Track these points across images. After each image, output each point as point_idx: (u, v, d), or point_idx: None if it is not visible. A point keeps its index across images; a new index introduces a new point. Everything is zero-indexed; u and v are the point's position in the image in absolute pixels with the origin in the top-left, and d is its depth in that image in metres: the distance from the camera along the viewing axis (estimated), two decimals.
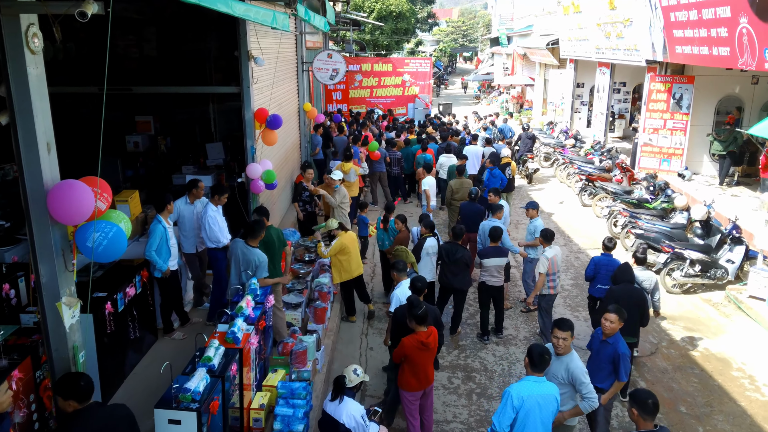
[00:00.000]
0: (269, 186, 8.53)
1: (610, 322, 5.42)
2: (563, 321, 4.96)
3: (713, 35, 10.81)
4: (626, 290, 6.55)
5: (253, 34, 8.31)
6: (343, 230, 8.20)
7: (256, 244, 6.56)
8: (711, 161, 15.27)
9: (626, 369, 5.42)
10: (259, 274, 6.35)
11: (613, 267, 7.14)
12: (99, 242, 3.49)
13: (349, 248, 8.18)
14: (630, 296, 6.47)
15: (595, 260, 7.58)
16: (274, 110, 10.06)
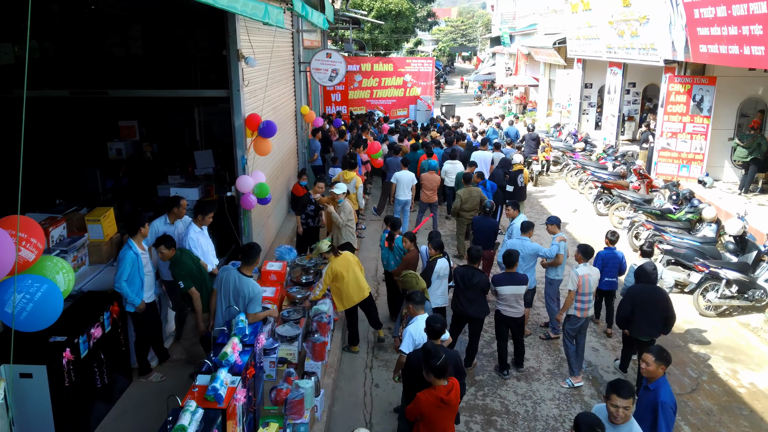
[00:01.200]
0: (262, 201, 7.65)
1: (646, 364, 4.56)
2: (623, 386, 4.04)
3: (745, 33, 9.94)
4: (646, 290, 6.41)
5: (243, 31, 7.42)
6: (335, 254, 7.31)
7: (250, 272, 5.70)
8: (733, 167, 14.41)
9: (668, 421, 4.50)
10: (251, 308, 5.49)
11: (618, 260, 7.67)
12: (22, 307, 2.60)
13: (343, 273, 7.28)
14: (651, 296, 6.37)
15: (601, 254, 7.75)
16: (268, 115, 9.19)
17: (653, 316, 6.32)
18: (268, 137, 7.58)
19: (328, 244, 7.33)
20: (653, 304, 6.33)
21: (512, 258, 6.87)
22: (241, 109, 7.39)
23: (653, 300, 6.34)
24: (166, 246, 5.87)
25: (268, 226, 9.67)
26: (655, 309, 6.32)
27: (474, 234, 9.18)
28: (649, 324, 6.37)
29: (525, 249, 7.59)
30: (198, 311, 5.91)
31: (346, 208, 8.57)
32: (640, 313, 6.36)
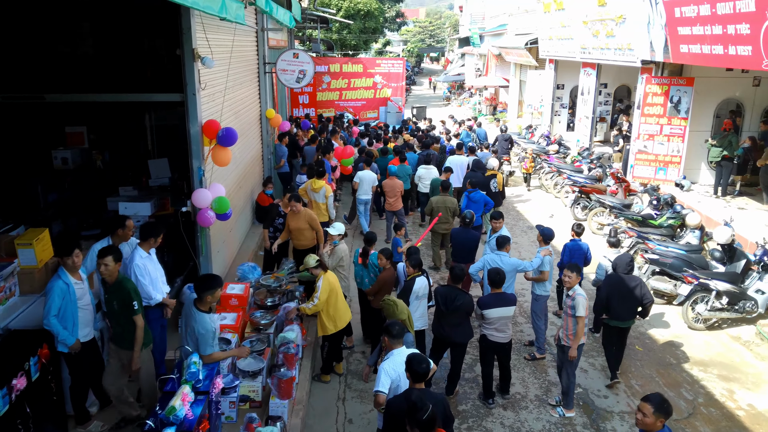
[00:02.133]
0: (221, 216, 6.92)
1: (644, 415, 3.98)
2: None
3: (730, 32, 9.59)
4: (623, 279, 6.74)
5: (200, 29, 6.68)
6: (323, 269, 6.68)
7: (206, 307, 4.99)
8: (709, 170, 14.18)
9: None
10: (201, 349, 4.78)
11: (583, 252, 7.88)
12: None
13: (336, 288, 6.75)
14: (627, 284, 6.70)
15: (567, 246, 8.02)
16: (229, 120, 8.45)
17: (630, 303, 6.72)
18: (228, 146, 6.85)
19: (316, 259, 6.70)
20: (630, 292, 6.69)
21: (500, 277, 6.28)
22: (197, 114, 6.65)
23: (630, 288, 6.70)
24: (114, 258, 4.99)
25: (230, 241, 8.93)
26: (631, 296, 6.69)
27: (453, 248, 8.59)
28: (626, 310, 6.75)
29: (503, 265, 7.03)
30: (138, 342, 5.08)
31: (337, 252, 7.59)
32: (618, 300, 6.73)
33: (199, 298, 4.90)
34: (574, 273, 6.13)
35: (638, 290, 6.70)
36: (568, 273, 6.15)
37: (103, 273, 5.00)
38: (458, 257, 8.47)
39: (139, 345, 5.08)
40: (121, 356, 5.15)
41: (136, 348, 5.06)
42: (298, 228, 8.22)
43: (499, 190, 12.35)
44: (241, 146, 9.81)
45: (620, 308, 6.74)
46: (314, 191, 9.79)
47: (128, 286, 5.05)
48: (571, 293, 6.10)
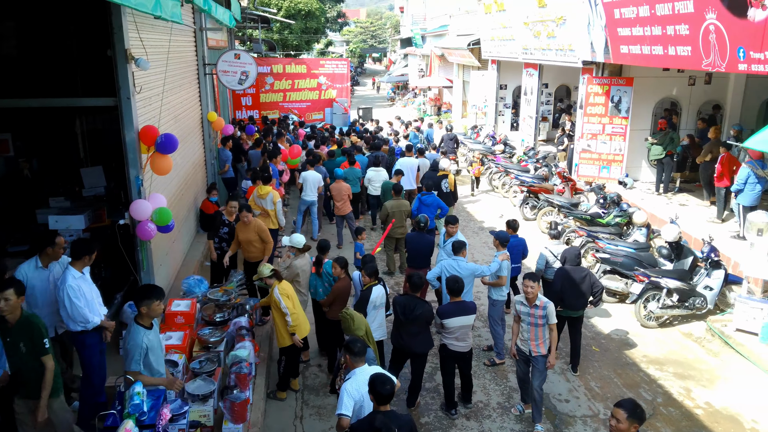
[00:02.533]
0: (163, 229, 6.45)
1: (617, 421, 3.92)
2: None
3: (670, 33, 9.81)
4: (573, 270, 7.01)
5: (133, 27, 6.20)
6: (278, 279, 6.35)
7: (145, 321, 4.57)
8: (649, 167, 14.58)
9: None
10: (125, 364, 4.39)
11: (521, 247, 8.11)
12: None
13: (293, 296, 6.46)
14: (578, 275, 6.96)
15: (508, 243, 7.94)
16: (168, 124, 7.97)
17: (581, 293, 6.95)
18: (169, 153, 6.40)
19: (270, 268, 6.35)
20: (580, 282, 6.93)
21: (459, 286, 6.10)
22: (133, 120, 6.17)
23: (580, 278, 6.95)
24: (16, 291, 4.34)
25: (174, 253, 8.42)
26: (582, 286, 6.93)
27: (408, 253, 8.38)
28: (577, 300, 6.98)
29: (461, 270, 6.87)
30: (46, 387, 4.44)
31: (293, 267, 7.16)
32: (569, 291, 6.94)
33: (138, 313, 4.49)
34: (536, 283, 5.94)
35: (588, 280, 6.97)
36: (530, 284, 5.89)
37: (3, 310, 4.29)
38: (414, 263, 8.27)
39: (48, 391, 4.44)
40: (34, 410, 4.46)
41: (44, 394, 4.40)
42: (248, 240, 7.80)
43: (450, 190, 12.25)
44: (182, 152, 9.30)
45: (572, 299, 6.96)
46: (260, 197, 9.39)
47: (37, 322, 4.46)
48: (539, 303, 5.91)
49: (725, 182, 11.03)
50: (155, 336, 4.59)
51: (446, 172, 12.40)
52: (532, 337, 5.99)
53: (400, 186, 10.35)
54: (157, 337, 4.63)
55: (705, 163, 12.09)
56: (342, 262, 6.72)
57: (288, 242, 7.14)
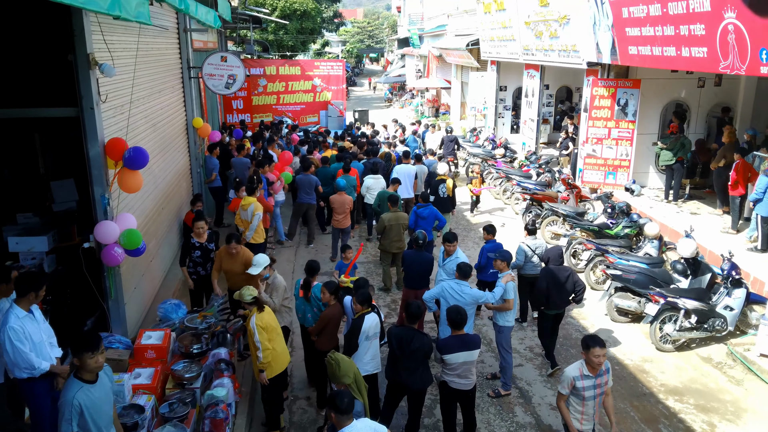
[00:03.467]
0: (132, 252, 5.83)
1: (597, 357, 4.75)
2: None
3: (683, 33, 9.19)
4: (557, 270, 7.08)
5: (97, 29, 5.57)
6: (259, 308, 5.69)
7: (85, 375, 3.89)
8: (657, 173, 13.98)
9: None
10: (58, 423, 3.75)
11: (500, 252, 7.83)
12: None
13: (273, 326, 5.74)
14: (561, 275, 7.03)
15: (484, 248, 7.97)
16: (145, 134, 7.36)
17: (564, 292, 7.06)
18: (138, 168, 5.77)
19: (252, 295, 5.68)
20: (564, 282, 7.02)
21: (461, 317, 5.46)
22: (97, 133, 5.53)
23: (564, 278, 7.03)
24: None
25: (152, 273, 7.77)
26: (565, 285, 7.02)
27: (405, 272, 7.75)
28: (561, 299, 7.09)
29: (463, 297, 6.25)
30: None
31: (278, 287, 6.56)
32: (555, 291, 7.02)
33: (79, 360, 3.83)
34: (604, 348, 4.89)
35: (571, 279, 7.07)
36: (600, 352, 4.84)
37: None
38: (411, 282, 7.65)
39: None
40: None
41: None
42: (233, 271, 7.02)
43: (448, 195, 11.67)
44: (163, 162, 8.69)
45: (556, 298, 7.06)
46: (243, 209, 8.78)
47: None
48: (604, 367, 4.97)
49: (740, 190, 10.43)
50: (100, 391, 3.85)
51: (444, 177, 11.83)
52: (597, 410, 5.00)
53: (397, 196, 9.72)
54: (103, 391, 3.89)
55: (718, 169, 11.49)
56: (332, 287, 6.10)
57: (255, 271, 6.37)
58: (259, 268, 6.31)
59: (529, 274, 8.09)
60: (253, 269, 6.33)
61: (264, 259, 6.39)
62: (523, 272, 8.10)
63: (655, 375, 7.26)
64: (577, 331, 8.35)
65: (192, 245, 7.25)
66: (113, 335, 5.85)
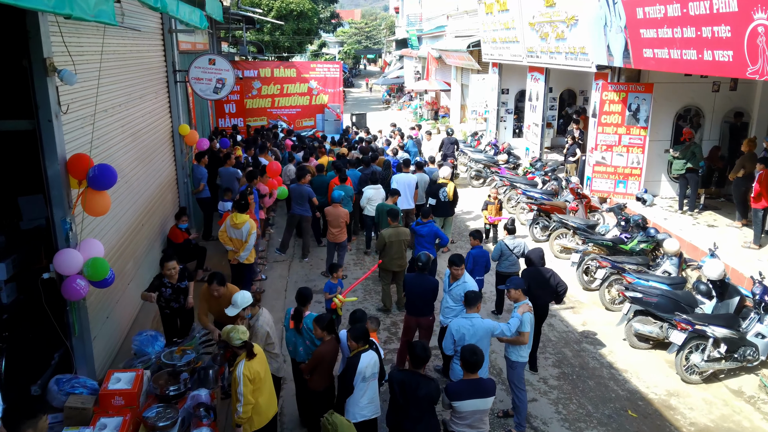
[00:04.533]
0: (99, 284, 5.14)
1: None
2: None
3: (706, 35, 8.53)
4: (538, 272, 7.23)
5: (56, 30, 4.88)
6: (249, 354, 4.98)
7: None
8: (670, 182, 13.32)
9: None
10: None
11: (486, 258, 8.08)
12: None
13: (261, 374, 5.02)
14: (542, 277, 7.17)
15: (471, 253, 8.06)
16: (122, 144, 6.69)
17: (547, 292, 7.16)
18: (105, 188, 5.07)
19: (242, 339, 4.98)
20: (546, 282, 7.15)
21: (477, 358, 4.76)
22: (56, 148, 4.84)
23: (546, 278, 7.18)
24: None
25: (128, 298, 7.06)
26: (548, 285, 7.14)
27: (407, 297, 7.06)
28: (543, 299, 7.17)
29: (476, 331, 5.57)
30: None
31: (258, 332, 5.63)
32: (537, 292, 6.98)
33: None
34: None
35: (553, 280, 7.18)
36: None
37: None
38: (413, 309, 6.95)
39: None
40: None
41: None
42: (219, 312, 6.19)
43: (449, 200, 11.07)
44: (144, 173, 8.00)
45: (539, 299, 7.02)
46: (235, 227, 8.05)
47: None
48: None
49: (763, 203, 9.76)
50: None
51: (445, 181, 11.25)
52: None
53: (396, 210, 9.03)
54: None
55: (737, 179, 10.82)
56: (324, 322, 5.40)
57: (232, 312, 5.62)
58: (236, 309, 5.59)
59: (505, 272, 8.37)
60: (230, 309, 5.60)
61: (243, 299, 5.63)
62: (499, 269, 8.48)
63: (683, 412, 6.58)
64: (595, 359, 7.68)
65: (163, 283, 6.50)
66: (77, 377, 5.15)
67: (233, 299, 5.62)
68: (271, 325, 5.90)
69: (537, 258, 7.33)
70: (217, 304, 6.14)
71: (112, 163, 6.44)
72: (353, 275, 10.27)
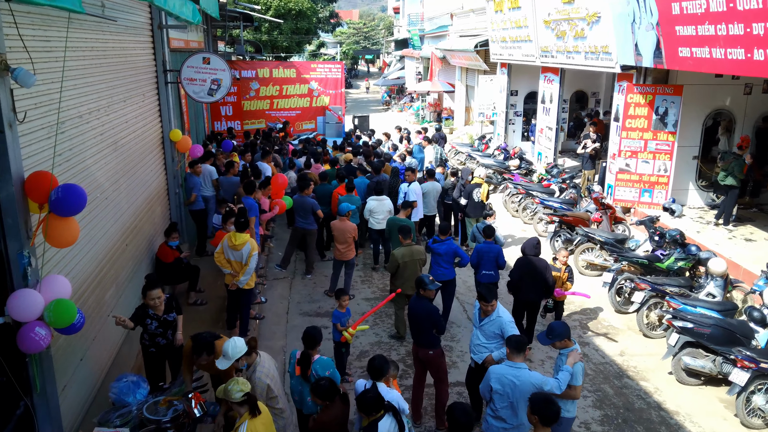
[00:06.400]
0: (64, 331, 4.21)
1: None
2: None
3: (757, 32, 7.64)
4: (530, 261, 7.13)
5: (9, 20, 3.94)
6: (252, 412, 4.08)
7: None
8: (698, 190, 12.46)
9: None
10: None
11: (494, 253, 7.76)
12: None
13: None
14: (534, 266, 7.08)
15: (478, 248, 7.89)
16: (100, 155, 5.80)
17: (535, 283, 7.12)
18: (72, 214, 4.14)
19: (244, 390, 4.09)
20: (535, 273, 7.08)
21: (555, 409, 3.86)
22: (10, 165, 3.91)
23: (536, 269, 7.10)
24: None
25: (105, 336, 6.07)
26: (537, 277, 7.07)
27: (410, 325, 6.15)
28: (532, 290, 7.20)
29: (520, 387, 4.64)
30: None
31: (257, 385, 4.70)
32: (526, 280, 7.16)
33: None
34: None
35: (546, 273, 7.09)
36: None
37: None
38: (417, 338, 6.04)
39: None
40: None
41: None
42: (208, 366, 5.24)
43: (482, 200, 10.49)
44: (128, 186, 7.08)
45: (529, 290, 7.18)
46: (234, 248, 7.11)
47: None
48: None
49: None
50: None
51: (480, 181, 10.58)
52: None
53: (409, 227, 8.05)
54: None
55: None
56: (321, 391, 4.40)
57: (224, 365, 4.68)
58: (228, 361, 4.63)
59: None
60: (221, 362, 4.65)
61: (235, 349, 4.63)
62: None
63: None
64: (640, 398, 6.77)
65: (147, 314, 5.58)
66: None
67: (223, 349, 4.67)
68: (272, 376, 4.95)
69: (530, 247, 7.16)
70: (206, 367, 5.23)
71: (87, 178, 5.54)
72: (361, 294, 9.38)
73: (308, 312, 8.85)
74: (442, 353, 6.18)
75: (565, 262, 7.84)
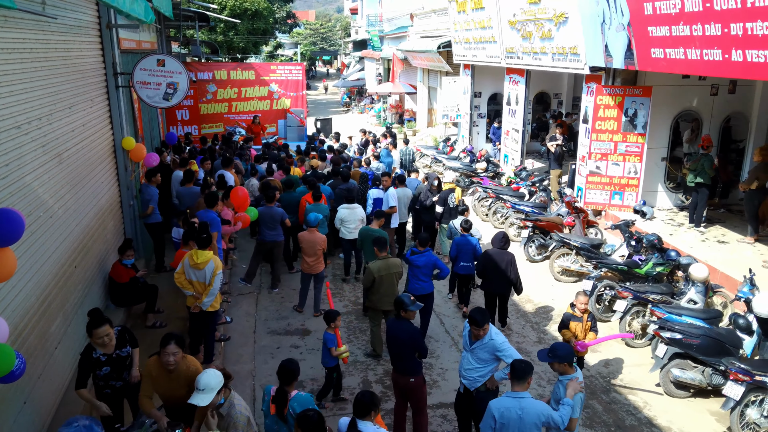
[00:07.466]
0: (2, 380, 3.60)
1: None
2: None
3: (736, 33, 7.50)
4: (496, 253, 7.55)
5: None
6: None
7: None
8: (666, 191, 12.43)
9: None
10: None
11: (472, 246, 8.15)
12: None
13: None
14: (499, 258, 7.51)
15: (456, 241, 8.30)
16: (42, 170, 5.15)
17: (501, 275, 7.49)
18: (7, 245, 3.54)
19: None
20: (501, 265, 7.47)
21: None
22: None
23: (501, 261, 7.49)
24: None
25: (51, 373, 5.42)
26: (501, 269, 7.46)
27: (389, 347, 5.71)
28: (497, 281, 7.61)
29: (526, 417, 4.25)
30: None
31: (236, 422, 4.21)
32: (491, 272, 7.58)
33: None
34: None
35: (511, 266, 7.51)
36: None
37: None
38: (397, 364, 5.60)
39: None
40: None
41: None
42: (171, 395, 4.66)
43: (457, 205, 10.25)
44: (74, 202, 6.40)
45: (495, 279, 7.57)
46: (196, 267, 6.51)
47: None
48: None
49: None
50: None
51: (452, 185, 10.33)
52: None
53: (384, 238, 7.61)
54: None
55: (750, 191, 9.93)
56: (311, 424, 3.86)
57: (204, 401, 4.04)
58: (210, 394, 4.08)
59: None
60: (199, 397, 4.07)
61: (214, 381, 4.11)
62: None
63: None
64: (630, 414, 6.50)
65: (94, 361, 4.84)
66: None
67: (200, 381, 4.10)
68: (247, 408, 4.45)
69: (497, 240, 7.57)
70: (167, 381, 4.61)
71: (27, 196, 4.89)
72: None
73: (277, 330, 8.30)
74: (424, 381, 5.74)
75: (585, 309, 6.46)
